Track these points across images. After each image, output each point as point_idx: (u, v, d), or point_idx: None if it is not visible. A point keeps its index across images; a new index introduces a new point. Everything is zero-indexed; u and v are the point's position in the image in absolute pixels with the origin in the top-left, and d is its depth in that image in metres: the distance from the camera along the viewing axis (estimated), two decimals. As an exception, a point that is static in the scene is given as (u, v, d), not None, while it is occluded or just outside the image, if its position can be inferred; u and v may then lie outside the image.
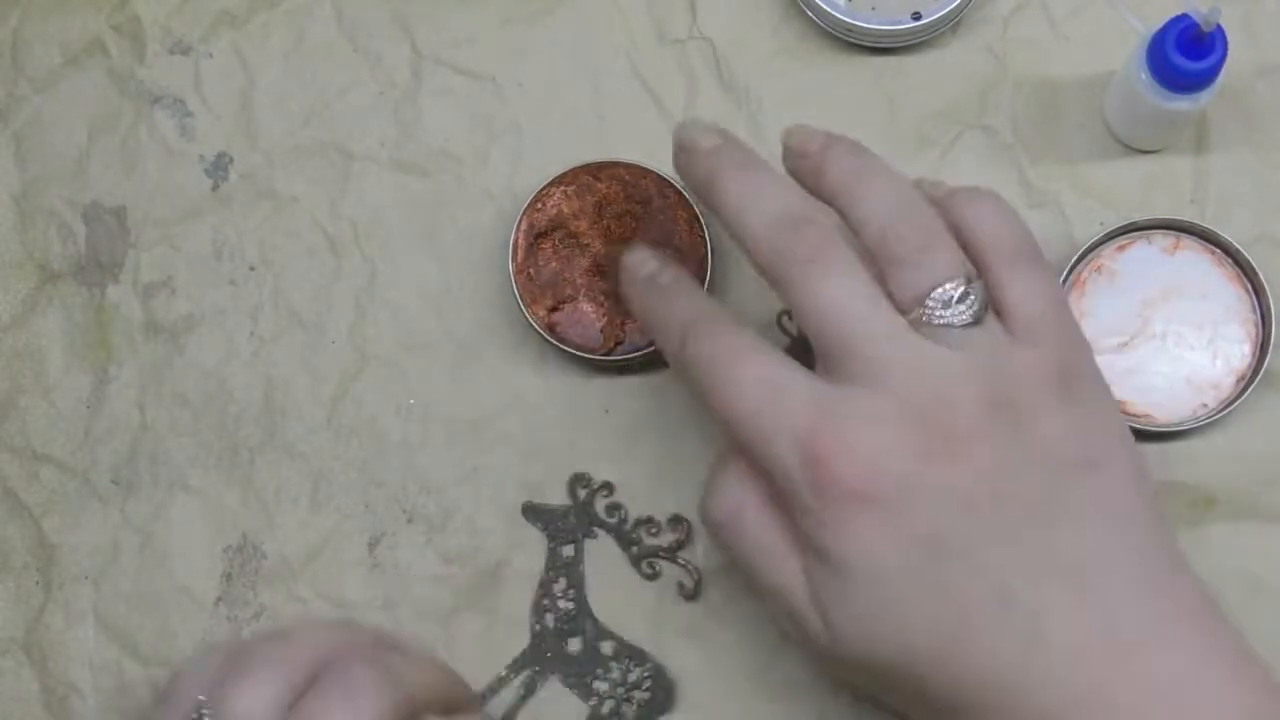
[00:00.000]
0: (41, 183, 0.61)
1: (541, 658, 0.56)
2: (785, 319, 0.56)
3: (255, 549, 0.58)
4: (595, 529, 0.57)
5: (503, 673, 0.56)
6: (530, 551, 0.57)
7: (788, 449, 0.44)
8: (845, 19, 0.56)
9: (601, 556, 0.57)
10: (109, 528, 0.59)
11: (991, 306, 0.46)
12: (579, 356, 0.56)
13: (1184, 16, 0.49)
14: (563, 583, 0.56)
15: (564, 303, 0.56)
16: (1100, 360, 0.54)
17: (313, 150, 0.60)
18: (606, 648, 0.56)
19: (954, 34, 0.57)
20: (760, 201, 0.47)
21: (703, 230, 0.56)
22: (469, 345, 0.58)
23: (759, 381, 0.45)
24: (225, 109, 0.60)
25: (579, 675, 0.56)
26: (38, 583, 0.59)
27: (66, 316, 0.60)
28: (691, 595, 0.56)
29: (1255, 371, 0.54)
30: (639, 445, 0.57)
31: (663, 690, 0.56)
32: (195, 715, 0.46)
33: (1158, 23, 0.50)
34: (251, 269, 0.60)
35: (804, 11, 0.58)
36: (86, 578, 0.59)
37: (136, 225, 0.60)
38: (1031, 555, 0.43)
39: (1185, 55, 0.49)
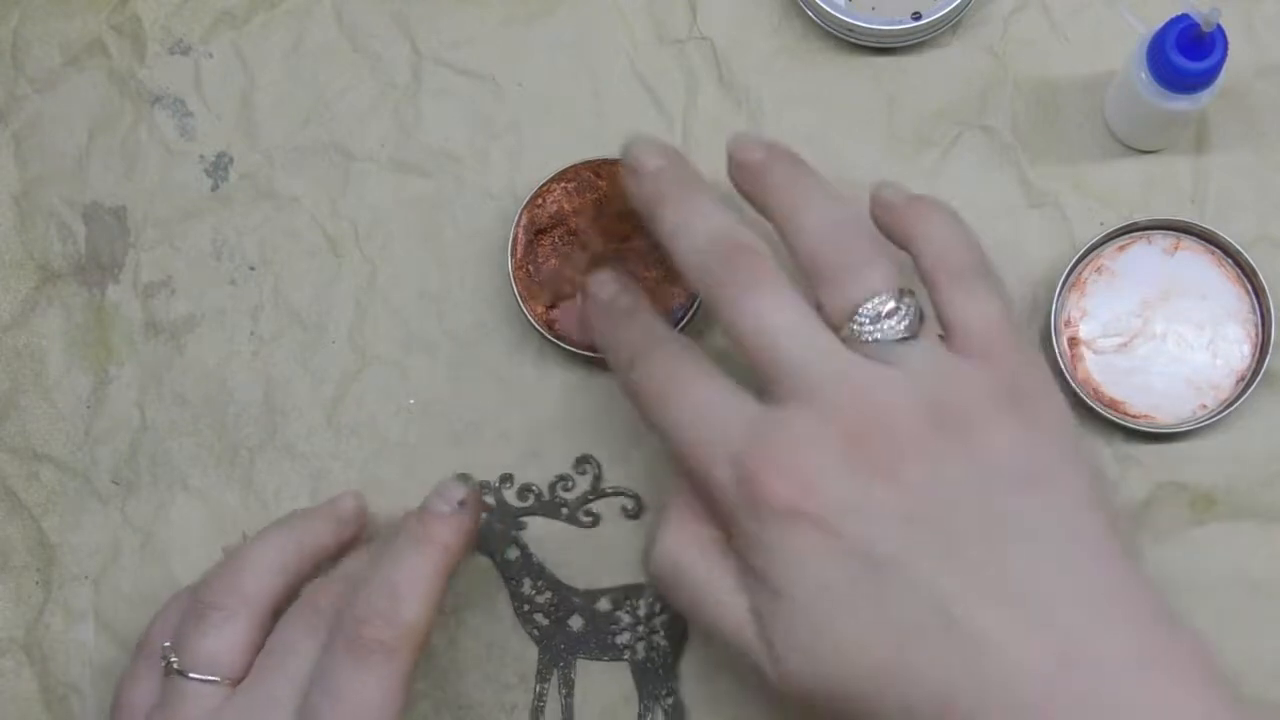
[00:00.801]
0: (41, 183, 0.61)
1: (557, 652, 0.56)
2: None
3: (255, 549, 0.58)
4: (521, 519, 0.57)
5: (536, 688, 0.56)
6: (530, 551, 0.57)
7: (725, 470, 0.44)
8: (845, 19, 0.56)
9: (546, 539, 0.57)
10: (109, 528, 0.59)
11: (939, 322, 0.46)
12: (578, 355, 0.56)
13: (1184, 16, 0.49)
14: (528, 581, 0.57)
15: (563, 300, 0.56)
16: (1100, 360, 0.54)
17: (313, 150, 0.60)
18: (604, 604, 0.56)
19: (954, 34, 0.57)
20: (694, 224, 0.47)
21: None
22: (469, 345, 0.58)
23: (698, 405, 0.45)
24: (225, 109, 0.60)
25: (599, 643, 0.56)
26: (38, 583, 0.59)
27: (66, 316, 0.60)
28: (635, 513, 0.56)
29: (1255, 372, 0.54)
30: (638, 445, 0.57)
31: None
32: (164, 662, 0.49)
33: (1158, 23, 0.50)
34: (251, 269, 0.60)
35: (804, 11, 0.58)
36: (86, 578, 0.59)
37: (136, 225, 0.60)
38: (973, 573, 0.42)
39: (1185, 55, 0.49)
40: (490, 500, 0.57)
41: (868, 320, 0.45)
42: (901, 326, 0.45)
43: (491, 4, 0.60)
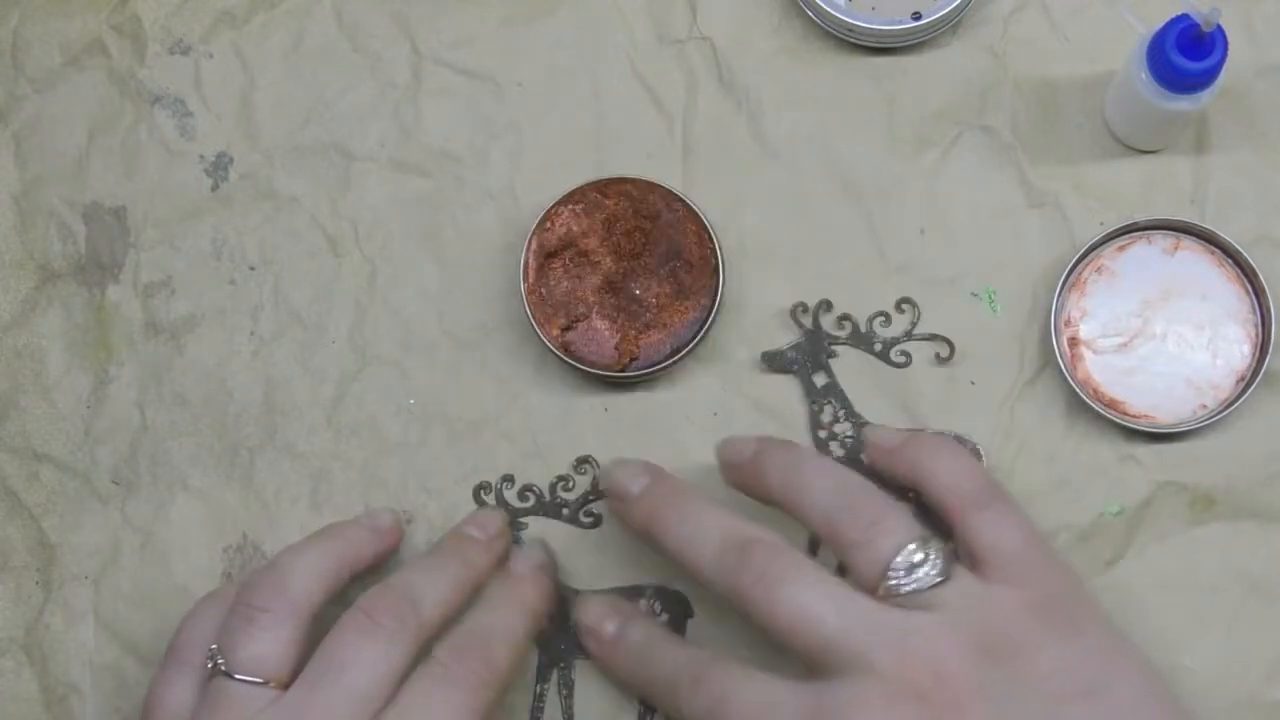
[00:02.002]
0: (41, 183, 0.61)
1: (557, 652, 0.56)
2: (799, 311, 0.56)
3: (255, 549, 0.58)
4: (522, 520, 0.57)
5: (536, 689, 0.56)
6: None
7: None
8: (845, 19, 0.56)
9: (546, 539, 0.57)
10: (109, 528, 0.59)
11: (963, 555, 0.47)
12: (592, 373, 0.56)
13: (1184, 16, 0.49)
14: None
15: (577, 321, 0.56)
16: (1100, 360, 0.54)
17: (313, 150, 0.60)
18: None
19: (954, 34, 0.57)
20: (701, 533, 0.49)
21: (712, 242, 0.56)
22: (469, 345, 0.58)
23: (756, 709, 0.46)
24: (225, 109, 0.60)
25: None
26: (38, 583, 0.59)
27: (66, 316, 0.60)
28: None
29: (1255, 372, 0.54)
30: (638, 445, 0.57)
31: (676, 604, 0.56)
32: (210, 664, 0.49)
33: (1158, 23, 0.50)
34: (251, 269, 0.60)
35: (804, 11, 0.58)
36: (86, 578, 0.59)
37: (136, 225, 0.60)
38: None
39: (1185, 55, 0.49)
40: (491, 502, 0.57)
41: (902, 573, 0.46)
42: (934, 572, 0.46)
43: (491, 4, 0.60)
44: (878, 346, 0.56)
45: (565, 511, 0.57)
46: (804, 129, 0.58)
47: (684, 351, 0.56)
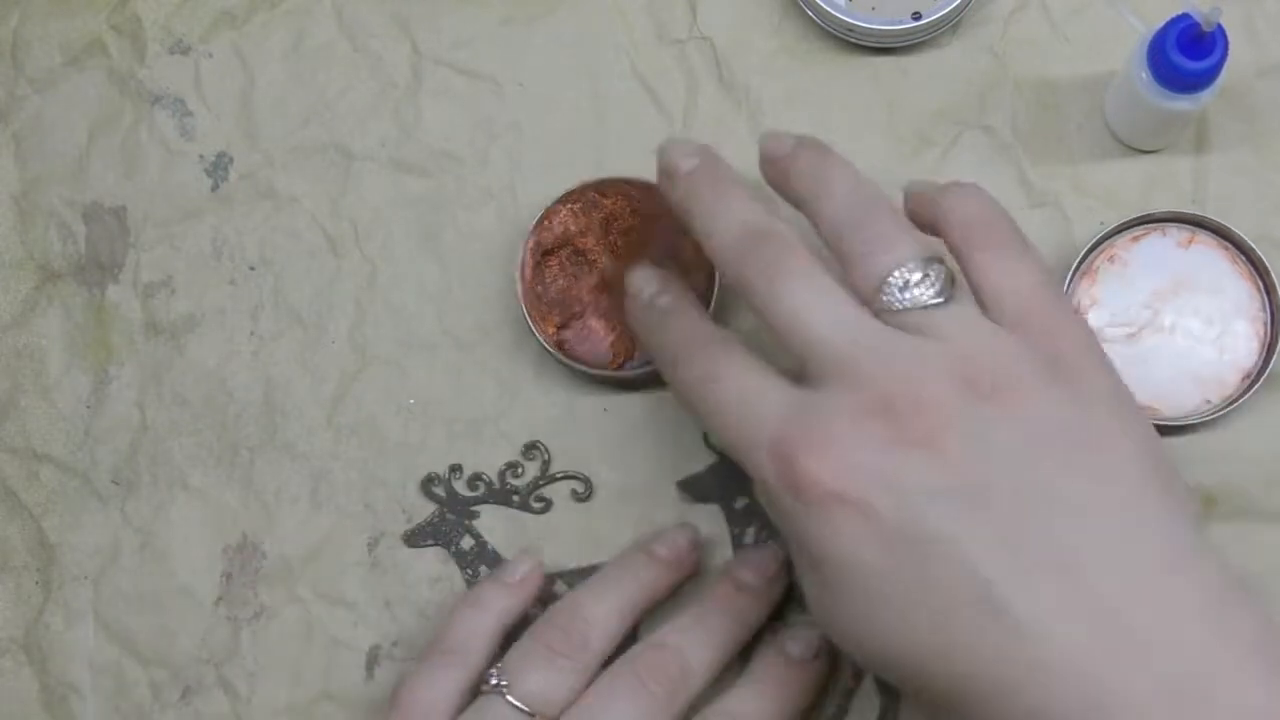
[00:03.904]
0: (41, 183, 0.61)
1: (514, 637, 0.56)
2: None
3: (255, 549, 0.58)
4: (474, 509, 0.57)
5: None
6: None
7: (763, 457, 0.44)
8: (845, 19, 0.56)
9: (498, 527, 0.57)
10: (109, 528, 0.59)
11: (973, 295, 0.45)
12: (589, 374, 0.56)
13: (1184, 16, 0.49)
14: (484, 570, 0.57)
15: (572, 319, 0.56)
16: (1107, 350, 0.53)
17: (313, 150, 0.60)
18: (560, 588, 0.56)
19: (954, 34, 0.57)
20: (726, 218, 0.47)
21: None
22: (469, 345, 0.58)
23: (737, 396, 0.45)
24: (225, 109, 0.60)
25: None
26: (38, 583, 0.59)
27: (66, 316, 0.60)
28: (586, 496, 0.57)
29: (1261, 370, 0.53)
30: (638, 444, 0.57)
31: None
32: (493, 681, 0.50)
33: (1158, 22, 0.50)
34: (251, 269, 0.60)
35: (804, 11, 0.58)
36: (86, 578, 0.59)
37: (136, 225, 0.60)
38: (1017, 547, 0.41)
39: (1186, 55, 0.49)
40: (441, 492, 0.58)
41: (896, 289, 0.44)
42: (931, 292, 0.44)
43: (491, 4, 0.60)
44: (515, 499, 0.57)
45: (516, 498, 0.57)
46: (804, 129, 0.57)
47: None
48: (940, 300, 0.44)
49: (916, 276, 0.44)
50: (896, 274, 0.44)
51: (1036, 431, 0.42)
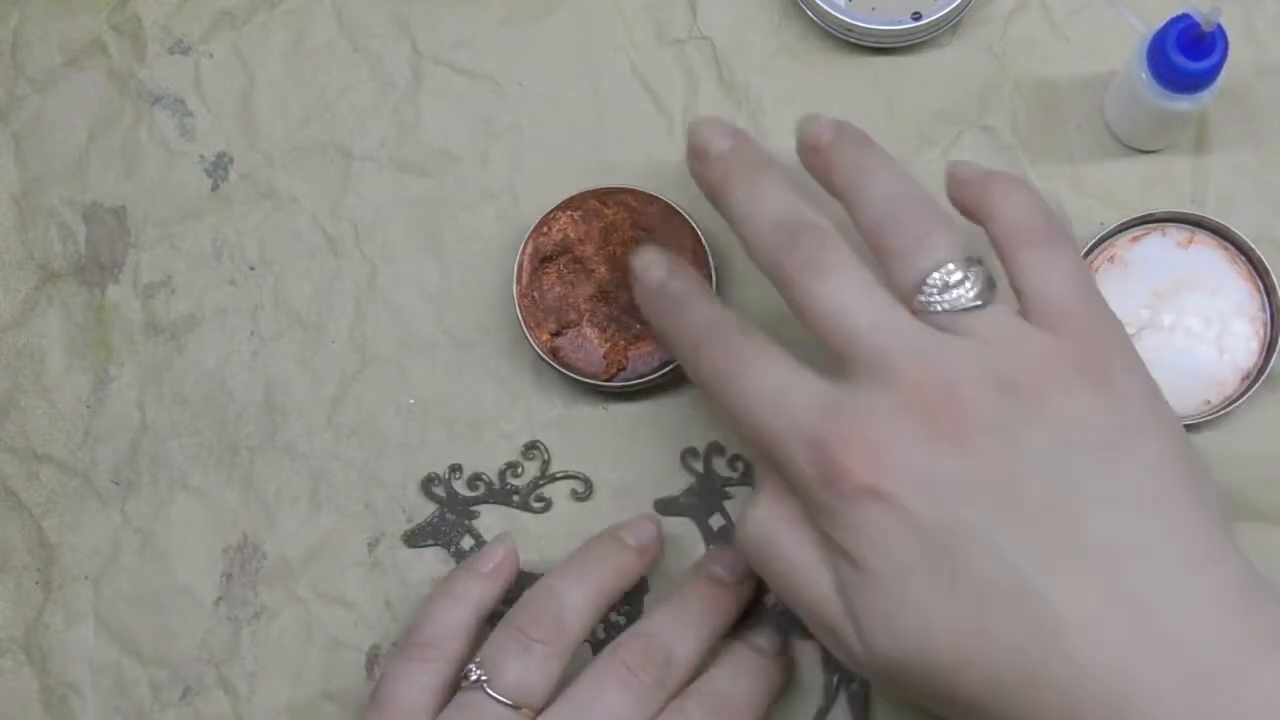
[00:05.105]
0: (41, 183, 0.61)
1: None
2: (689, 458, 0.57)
3: (255, 549, 0.58)
4: (474, 509, 0.57)
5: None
6: (530, 551, 0.57)
7: (799, 451, 0.44)
8: (845, 19, 0.56)
9: (498, 527, 0.57)
10: (109, 528, 0.59)
11: (1012, 292, 0.46)
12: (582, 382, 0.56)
13: (1184, 16, 0.49)
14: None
15: (567, 328, 0.56)
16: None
17: (313, 150, 0.60)
18: None
19: (954, 34, 0.57)
20: (762, 207, 0.47)
21: (706, 256, 0.56)
22: (469, 345, 0.58)
23: (768, 388, 0.46)
24: (225, 109, 0.60)
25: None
26: (38, 583, 0.59)
27: (66, 316, 0.60)
28: (586, 495, 0.57)
29: (1261, 370, 0.53)
30: (638, 444, 0.57)
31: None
32: (473, 676, 0.50)
33: (1158, 22, 0.50)
34: (251, 269, 0.60)
35: (804, 11, 0.58)
36: (86, 578, 0.59)
37: (136, 225, 0.60)
38: (1051, 544, 0.42)
39: (1186, 55, 0.49)
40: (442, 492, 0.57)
41: (936, 290, 0.45)
42: (971, 295, 0.45)
43: (491, 4, 0.60)
44: (515, 499, 0.57)
45: (516, 498, 0.57)
46: (804, 129, 0.58)
47: (673, 364, 0.55)
48: (979, 304, 0.45)
49: (956, 278, 0.45)
50: (937, 275, 0.45)
51: (1070, 431, 0.43)
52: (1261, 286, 0.54)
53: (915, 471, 0.43)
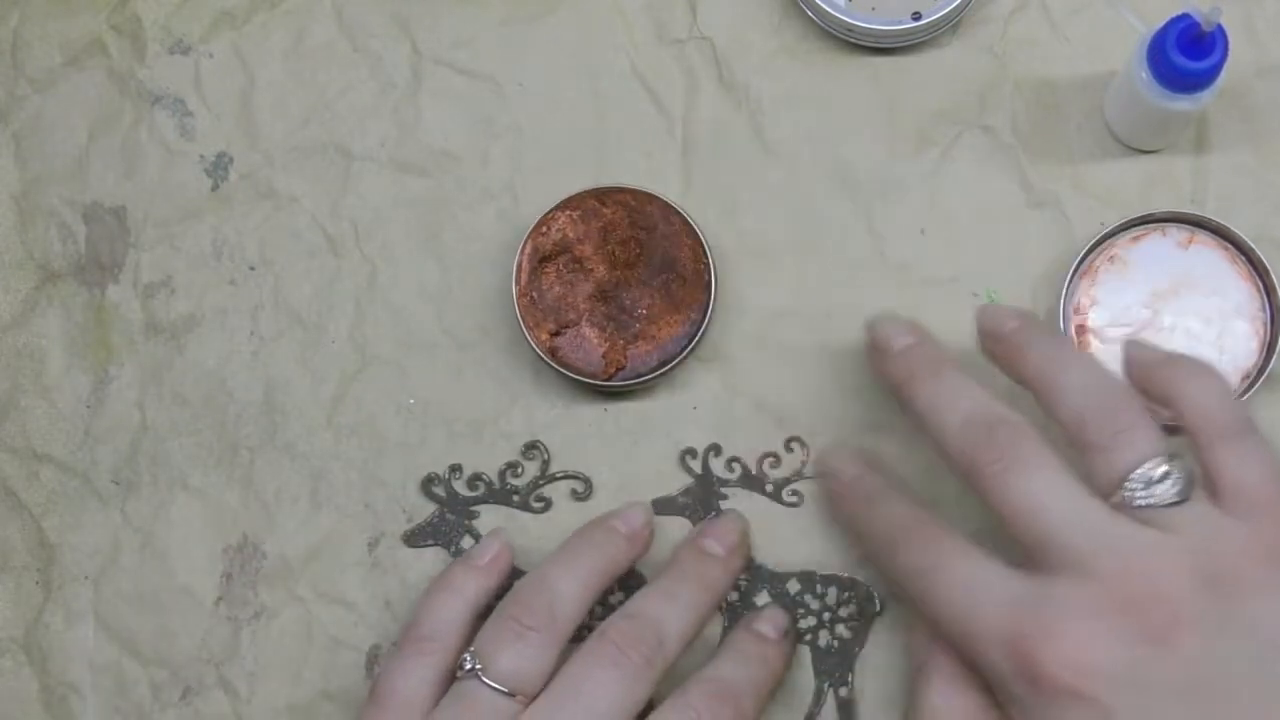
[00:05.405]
0: (41, 183, 0.61)
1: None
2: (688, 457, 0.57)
3: (255, 549, 0.58)
4: (474, 509, 0.57)
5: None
6: (530, 551, 0.57)
7: (997, 651, 0.45)
8: (845, 19, 0.56)
9: (497, 526, 0.57)
10: (109, 528, 0.59)
11: (1205, 484, 0.46)
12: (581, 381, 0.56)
13: (1184, 16, 0.49)
14: None
15: (566, 327, 0.56)
16: (1108, 349, 0.54)
17: (313, 150, 0.60)
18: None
19: (954, 34, 0.57)
20: (952, 403, 0.48)
21: (706, 256, 0.56)
22: (469, 345, 0.58)
23: (964, 585, 0.46)
24: (225, 109, 0.60)
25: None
26: (38, 583, 0.59)
27: (66, 316, 0.60)
28: (585, 495, 0.57)
29: (1261, 370, 0.53)
30: (637, 444, 0.57)
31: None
32: (468, 666, 0.50)
33: (1158, 22, 0.50)
34: (251, 269, 0.60)
35: (804, 11, 0.58)
36: (86, 578, 0.59)
37: (136, 225, 0.60)
38: None
39: (1186, 55, 0.49)
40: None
41: (1140, 486, 0.45)
42: (1174, 491, 0.45)
43: (491, 4, 0.60)
44: (769, 488, 0.56)
45: (516, 498, 0.57)
46: (804, 129, 0.58)
47: (671, 364, 0.55)
48: (1180, 500, 0.45)
49: (1159, 473, 0.45)
50: (1141, 470, 0.45)
51: (1270, 630, 0.43)
52: (1261, 286, 0.54)
53: (1118, 672, 0.43)
